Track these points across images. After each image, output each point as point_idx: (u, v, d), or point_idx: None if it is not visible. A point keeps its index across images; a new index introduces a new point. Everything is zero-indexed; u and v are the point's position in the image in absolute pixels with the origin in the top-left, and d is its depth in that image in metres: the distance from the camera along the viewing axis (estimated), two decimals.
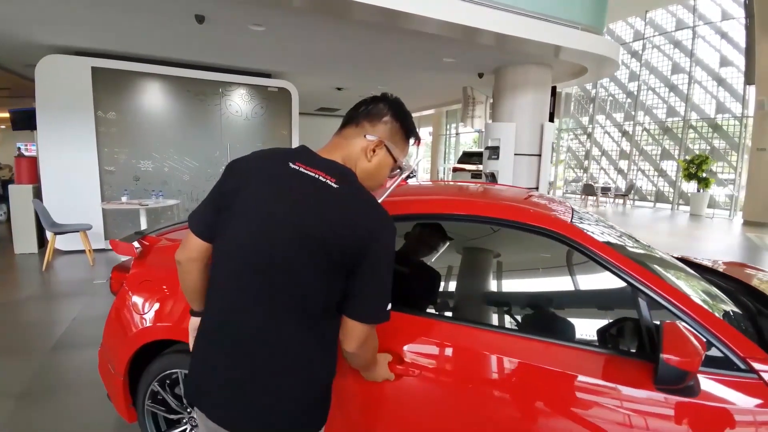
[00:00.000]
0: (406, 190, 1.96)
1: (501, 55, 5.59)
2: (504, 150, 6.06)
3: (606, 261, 1.31)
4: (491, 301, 1.52)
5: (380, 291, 0.98)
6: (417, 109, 12.23)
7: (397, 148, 1.08)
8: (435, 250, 1.66)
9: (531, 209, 1.54)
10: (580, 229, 1.43)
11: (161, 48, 5.60)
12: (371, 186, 1.08)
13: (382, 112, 1.07)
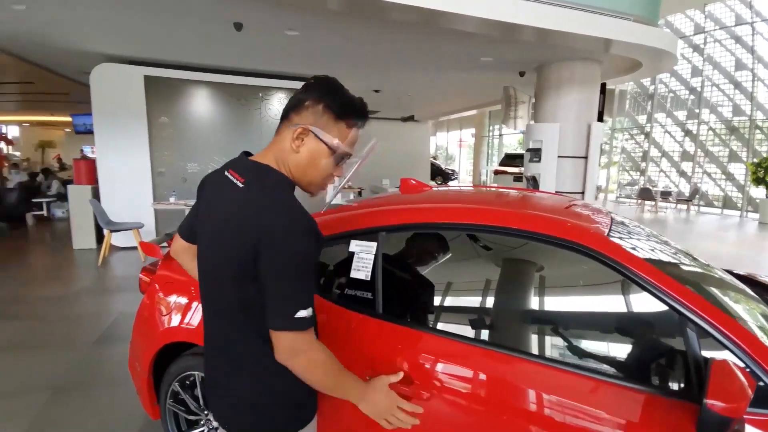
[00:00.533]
0: (428, 197, 1.87)
1: (544, 52, 5.31)
2: (546, 152, 5.74)
3: (647, 282, 1.15)
4: (514, 322, 1.39)
5: (285, 295, 0.89)
6: (457, 110, 12.00)
7: (326, 131, 0.96)
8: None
9: (559, 220, 1.40)
10: (616, 244, 1.27)
11: (205, 56, 5.85)
12: (313, 180, 1.01)
13: (304, 97, 0.97)
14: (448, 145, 26.70)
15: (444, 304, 1.48)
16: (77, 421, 2.25)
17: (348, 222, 1.61)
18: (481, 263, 1.56)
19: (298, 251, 0.89)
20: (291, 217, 0.90)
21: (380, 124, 12.96)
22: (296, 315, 0.88)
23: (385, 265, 1.47)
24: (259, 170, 0.97)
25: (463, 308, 1.45)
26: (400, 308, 1.46)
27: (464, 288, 1.51)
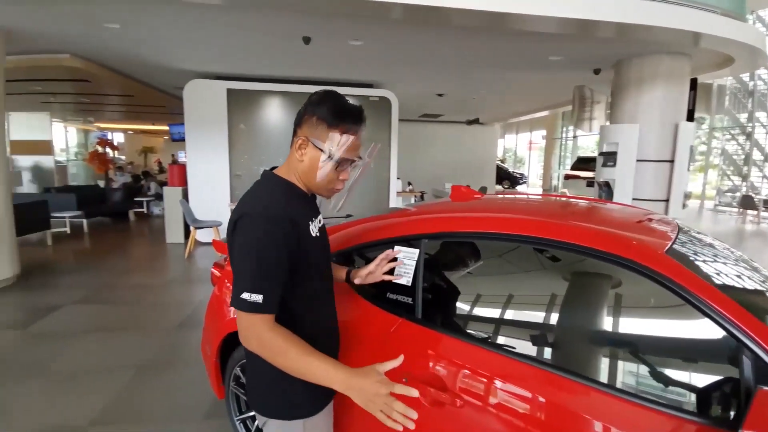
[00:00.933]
0: (473, 206, 1.86)
1: (623, 47, 4.89)
2: (623, 156, 5.30)
3: (702, 303, 1.06)
4: (557, 338, 1.34)
5: (235, 276, 0.99)
6: (525, 112, 11.50)
7: (322, 140, 1.06)
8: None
9: (609, 233, 1.33)
10: (673, 260, 1.18)
11: (278, 68, 6.29)
12: (319, 185, 1.11)
13: (303, 111, 1.09)
14: (517, 148, 25.65)
15: (485, 314, 1.48)
16: (155, 396, 2.56)
17: (393, 228, 1.67)
18: (531, 276, 1.52)
19: (252, 237, 0.97)
20: (258, 207, 1.01)
21: (443, 128, 12.86)
22: (241, 296, 0.94)
23: (428, 272, 1.51)
24: (266, 176, 1.13)
25: (504, 320, 1.42)
26: (438, 315, 1.48)
27: (506, 300, 1.48)
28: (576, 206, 2.03)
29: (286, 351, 0.95)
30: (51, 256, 6.11)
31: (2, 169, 4.47)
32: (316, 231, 1.15)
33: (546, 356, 1.27)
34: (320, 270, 1.19)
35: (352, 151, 1.09)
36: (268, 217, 0.99)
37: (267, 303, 0.96)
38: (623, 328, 1.25)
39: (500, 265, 1.54)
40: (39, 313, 3.82)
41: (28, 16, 4.07)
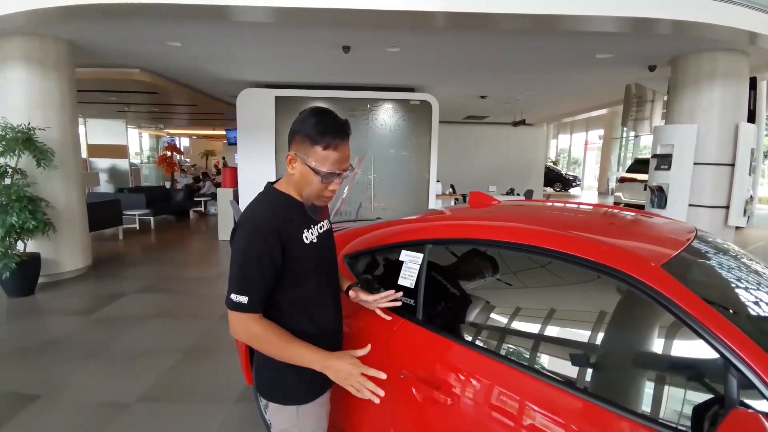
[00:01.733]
0: (480, 214, 1.89)
1: (678, 44, 4.58)
2: (679, 158, 4.93)
3: (690, 318, 1.04)
4: (542, 346, 1.35)
5: (229, 279, 1.14)
6: (574, 111, 10.98)
7: (308, 156, 1.15)
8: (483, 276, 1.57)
9: (598, 242, 1.31)
10: (666, 274, 1.15)
11: (320, 76, 6.57)
12: (310, 195, 1.20)
13: (291, 129, 1.19)
14: (571, 148, 24.44)
15: (485, 321, 1.51)
16: (195, 378, 2.83)
17: (401, 234, 1.75)
18: (531, 286, 1.54)
19: (240, 245, 1.13)
20: (248, 218, 1.17)
21: (489, 129, 12.60)
22: (230, 296, 1.11)
23: (434, 275, 1.57)
24: (266, 189, 1.27)
25: (504, 328, 1.45)
26: (439, 317, 1.54)
27: (506, 307, 1.51)
28: (591, 214, 1.98)
29: (270, 339, 1.14)
30: (121, 249, 6.82)
31: (77, 171, 5.08)
32: (312, 238, 1.24)
33: (538, 364, 1.29)
34: (316, 274, 1.27)
35: (337, 165, 1.15)
36: (253, 228, 1.14)
37: (251, 303, 1.12)
38: (619, 340, 1.24)
39: (504, 274, 1.57)
40: (105, 300, 4.31)
41: (97, 34, 4.60)
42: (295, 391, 1.24)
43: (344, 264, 1.84)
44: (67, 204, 4.86)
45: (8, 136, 4.05)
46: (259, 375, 1.29)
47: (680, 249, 1.37)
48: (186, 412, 2.46)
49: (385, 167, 7.24)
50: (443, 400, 1.33)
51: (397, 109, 7.17)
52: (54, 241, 4.67)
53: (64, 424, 2.34)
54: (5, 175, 4.15)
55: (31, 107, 4.52)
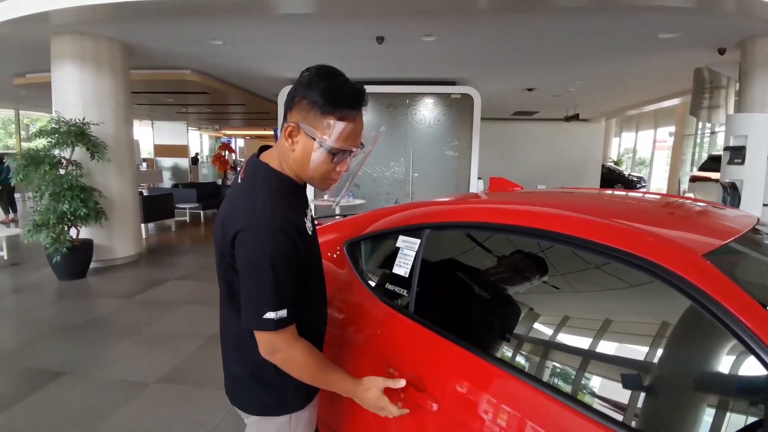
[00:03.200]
0: (493, 198, 1.68)
1: (746, 23, 4.01)
2: (753, 151, 4.30)
3: (742, 329, 0.79)
4: (536, 347, 1.13)
5: (253, 296, 0.91)
6: (634, 104, 10.05)
7: (315, 127, 0.92)
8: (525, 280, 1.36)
9: (626, 228, 1.07)
10: (713, 268, 0.90)
11: (357, 70, 6.52)
12: (313, 177, 0.99)
13: (293, 92, 0.95)
14: (636, 147, 22.55)
15: (486, 318, 1.32)
16: (213, 363, 2.80)
17: (398, 219, 1.60)
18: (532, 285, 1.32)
19: (265, 252, 0.89)
20: (263, 218, 0.90)
21: (539, 126, 11.93)
22: (264, 316, 0.90)
23: (430, 263, 1.41)
24: (255, 167, 1.00)
25: (503, 327, 1.25)
26: (432, 311, 1.37)
27: (505, 302, 1.31)
28: (627, 199, 1.71)
29: (309, 366, 0.99)
30: (171, 239, 7.23)
31: (130, 168, 5.43)
32: (310, 227, 1.07)
33: (529, 368, 1.08)
34: (316, 268, 1.14)
35: (350, 140, 0.95)
36: (276, 230, 0.90)
37: (291, 315, 0.94)
38: (640, 346, 1.00)
39: (511, 264, 1.36)
40: (147, 285, 4.55)
41: (145, 35, 4.87)
42: (292, 399, 1.08)
43: (343, 252, 1.72)
44: (121, 195, 5.21)
45: (62, 129, 4.38)
46: (240, 388, 1.09)
47: (732, 238, 1.09)
48: (198, 396, 2.48)
49: (425, 164, 7.04)
50: (428, 405, 1.16)
51: (438, 103, 6.95)
52: (107, 230, 5.01)
53: (79, 401, 2.43)
54: (59, 166, 4.49)
55: (85, 103, 4.88)
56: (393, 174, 7.15)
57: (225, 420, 2.24)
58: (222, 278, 1.04)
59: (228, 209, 0.97)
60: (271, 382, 1.05)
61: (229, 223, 0.94)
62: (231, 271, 0.97)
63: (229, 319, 1.07)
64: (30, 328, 3.44)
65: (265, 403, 1.07)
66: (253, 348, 1.01)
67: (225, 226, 0.95)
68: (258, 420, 1.08)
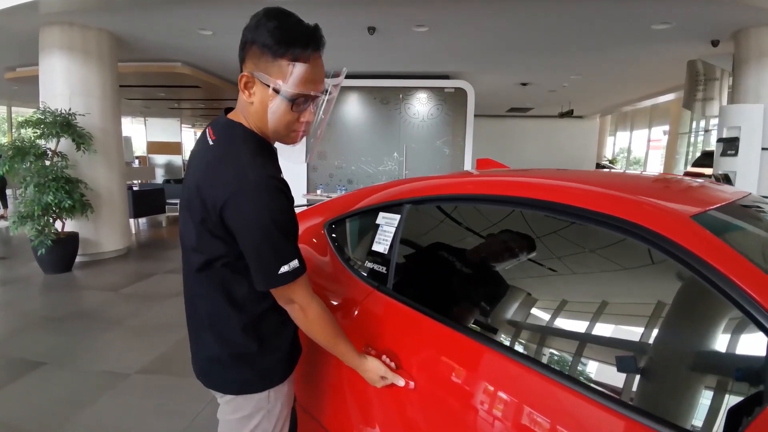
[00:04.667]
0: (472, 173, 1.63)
1: (740, 13, 3.99)
2: (746, 142, 4.29)
3: (734, 289, 0.74)
4: (521, 319, 1.08)
5: (264, 257, 0.88)
6: (629, 100, 10.13)
7: (269, 73, 0.85)
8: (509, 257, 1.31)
9: (609, 192, 1.03)
10: (698, 226, 0.86)
11: (348, 64, 6.37)
12: (277, 129, 0.92)
13: (243, 40, 0.88)
14: (631, 146, 22.61)
15: (467, 293, 1.27)
16: None
17: (381, 195, 1.55)
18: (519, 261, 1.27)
19: (265, 211, 0.85)
20: (254, 178, 0.85)
21: (533, 123, 11.93)
22: (279, 272, 0.88)
23: (410, 239, 1.36)
24: (228, 126, 0.95)
25: (482, 300, 1.21)
26: (411, 287, 1.32)
27: (485, 274, 1.26)
28: (619, 175, 1.67)
29: (325, 321, 0.99)
30: (162, 234, 7.15)
31: (118, 161, 5.35)
32: None
33: (507, 341, 1.04)
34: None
35: (310, 84, 0.87)
36: (270, 188, 0.86)
37: (302, 262, 0.92)
38: (622, 323, 0.95)
39: (494, 236, 1.31)
40: (135, 278, 4.48)
41: (134, 25, 4.79)
42: (274, 373, 1.03)
43: (323, 233, 1.67)
44: (108, 188, 5.13)
45: (48, 120, 4.30)
46: (217, 369, 1.02)
47: (722, 203, 1.05)
48: (180, 386, 2.42)
49: (419, 159, 7.00)
50: (406, 383, 1.11)
51: (431, 97, 6.91)
52: (94, 223, 4.93)
53: (59, 391, 2.37)
54: (45, 157, 4.41)
55: (72, 94, 4.79)
56: (386, 169, 7.11)
57: (207, 409, 2.18)
58: (196, 250, 0.94)
59: (206, 175, 0.89)
60: (253, 358, 1.00)
61: (212, 189, 0.87)
62: (213, 239, 0.91)
63: (201, 296, 1.00)
64: (12, 320, 3.37)
65: (245, 380, 1.01)
66: (231, 325, 0.97)
67: (205, 193, 0.88)
68: (234, 398, 1.02)
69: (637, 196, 1.01)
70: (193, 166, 0.96)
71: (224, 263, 0.93)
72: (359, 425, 1.24)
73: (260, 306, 0.99)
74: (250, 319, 0.98)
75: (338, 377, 1.29)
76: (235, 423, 1.02)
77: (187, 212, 0.94)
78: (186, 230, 0.96)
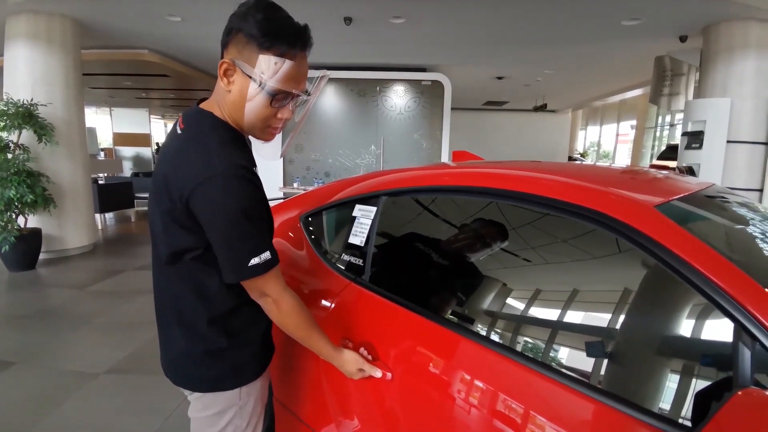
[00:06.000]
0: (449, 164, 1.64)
1: (708, 8, 4.14)
2: (711, 135, 4.48)
3: (697, 276, 0.76)
4: (497, 312, 1.10)
5: (229, 247, 0.86)
6: (600, 95, 10.38)
7: (252, 64, 0.83)
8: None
9: (578, 183, 1.06)
10: (667, 219, 0.88)
11: (324, 55, 6.38)
12: (253, 123, 0.90)
13: (228, 27, 0.86)
14: (601, 140, 23.33)
15: (442, 283, 1.28)
16: None
17: (358, 187, 1.54)
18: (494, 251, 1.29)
19: (233, 200, 0.83)
20: (221, 167, 0.82)
21: (509, 116, 12.12)
22: (250, 264, 0.86)
23: (386, 231, 1.36)
24: (198, 115, 0.92)
25: (461, 293, 1.22)
26: (388, 280, 1.32)
27: (458, 264, 1.27)
28: (591, 167, 1.71)
29: (299, 314, 0.97)
30: (131, 230, 6.90)
31: (82, 152, 5.10)
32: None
33: (481, 330, 1.05)
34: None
35: (293, 82, 0.86)
36: (239, 176, 0.84)
37: (274, 254, 0.90)
38: (597, 303, 0.98)
39: (468, 227, 1.33)
40: (102, 275, 4.31)
41: (101, 11, 4.57)
42: (247, 369, 1.01)
43: (299, 226, 1.65)
44: (72, 182, 4.89)
45: (10, 111, 4.07)
46: (187, 365, 0.99)
47: (685, 194, 1.09)
48: (152, 384, 2.35)
49: (397, 151, 7.00)
50: (384, 374, 1.11)
51: (408, 90, 6.90)
52: (57, 218, 4.70)
53: (27, 391, 2.29)
54: (7, 150, 4.17)
55: (35, 83, 4.55)
56: (364, 162, 7.08)
57: (182, 406, 2.13)
58: (164, 242, 0.92)
59: (173, 164, 0.87)
60: (223, 353, 0.97)
61: (179, 178, 0.85)
62: (180, 230, 0.88)
63: (169, 290, 0.97)
64: None
65: (215, 377, 0.98)
66: (199, 319, 0.94)
67: (172, 183, 0.85)
68: (203, 394, 0.99)
69: (605, 187, 1.04)
70: (162, 156, 0.94)
71: (194, 256, 0.91)
72: (338, 417, 1.24)
73: (232, 299, 0.96)
74: (221, 313, 0.95)
75: (316, 370, 1.29)
76: (205, 420, 0.99)
77: (154, 203, 0.92)
78: (154, 221, 0.94)
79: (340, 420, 1.23)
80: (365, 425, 1.16)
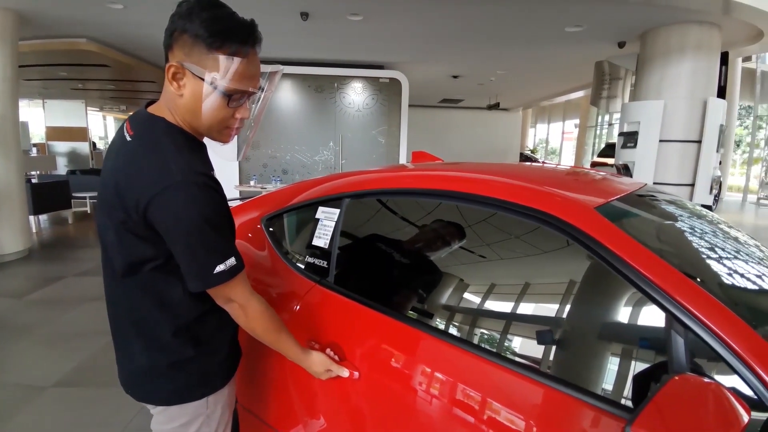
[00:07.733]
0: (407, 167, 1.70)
1: (649, 14, 4.45)
2: (645, 135, 4.88)
3: (627, 267, 0.86)
4: (452, 307, 1.17)
5: (193, 256, 0.84)
6: (548, 95, 10.92)
7: (201, 65, 0.80)
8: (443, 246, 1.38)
9: (525, 185, 1.14)
10: (604, 220, 0.98)
11: (279, 50, 6.24)
12: (210, 126, 0.87)
13: (170, 28, 0.82)
14: (548, 137, 24.60)
15: (403, 282, 1.33)
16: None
17: (320, 190, 1.55)
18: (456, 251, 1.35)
19: (195, 208, 0.80)
20: (180, 175, 0.80)
21: (463, 114, 12.47)
22: (215, 271, 0.84)
23: (349, 232, 1.39)
24: (149, 121, 0.88)
25: (417, 287, 1.27)
26: (352, 280, 1.35)
27: (427, 270, 1.33)
28: (537, 168, 1.82)
29: (266, 318, 0.97)
30: (69, 232, 6.40)
31: (15, 150, 4.68)
32: None
33: (444, 326, 1.12)
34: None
35: (248, 80, 0.84)
36: (199, 184, 0.82)
37: (239, 260, 0.89)
38: (545, 295, 1.07)
39: (427, 228, 1.38)
40: (41, 283, 3.99)
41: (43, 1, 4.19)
42: (214, 377, 0.99)
43: (261, 228, 1.63)
44: (5, 181, 4.49)
45: None
46: (148, 380, 0.95)
47: (621, 194, 1.21)
48: (104, 397, 2.23)
49: (355, 148, 7.00)
50: (351, 374, 1.14)
51: (366, 87, 6.91)
52: None
53: None
54: None
55: None
56: (322, 158, 7.02)
57: (136, 419, 2.05)
58: (119, 253, 0.88)
59: (125, 173, 0.83)
60: (188, 364, 0.94)
61: (133, 188, 0.81)
62: (137, 241, 0.84)
63: (126, 303, 0.93)
64: None
65: (183, 387, 0.95)
66: (161, 331, 0.91)
67: (125, 193, 0.82)
68: (167, 407, 0.96)
69: (552, 189, 1.13)
70: (109, 163, 0.89)
71: (154, 266, 0.87)
72: (304, 418, 1.26)
73: (198, 308, 0.94)
74: (186, 322, 0.93)
75: (281, 373, 1.29)
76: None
77: (104, 214, 0.87)
78: (105, 233, 0.90)
79: (307, 420, 1.25)
80: (332, 424, 1.19)
